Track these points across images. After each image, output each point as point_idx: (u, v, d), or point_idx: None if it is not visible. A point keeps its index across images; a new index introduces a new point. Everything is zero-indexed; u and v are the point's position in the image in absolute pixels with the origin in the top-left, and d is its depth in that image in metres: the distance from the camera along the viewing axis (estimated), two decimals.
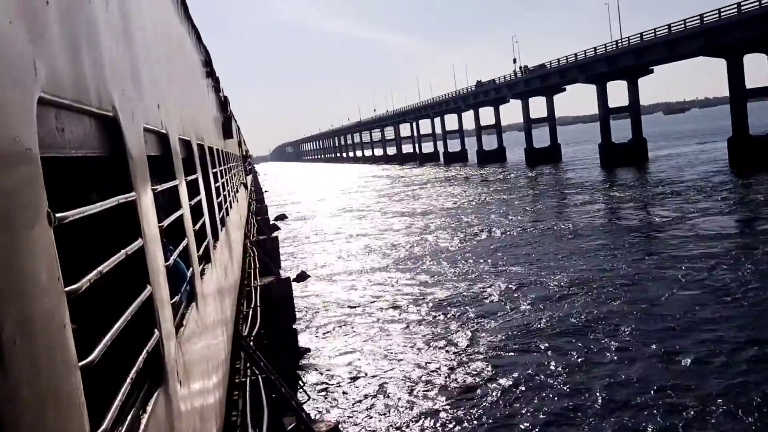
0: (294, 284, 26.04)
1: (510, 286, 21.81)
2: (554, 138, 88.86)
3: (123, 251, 2.56)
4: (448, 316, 19.23)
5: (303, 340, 17.87)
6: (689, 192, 38.97)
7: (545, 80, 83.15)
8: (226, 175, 13.20)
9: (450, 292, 21.97)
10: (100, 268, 2.22)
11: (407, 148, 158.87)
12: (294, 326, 17.08)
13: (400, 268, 27.05)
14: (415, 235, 35.35)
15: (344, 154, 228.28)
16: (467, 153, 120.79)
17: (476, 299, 20.67)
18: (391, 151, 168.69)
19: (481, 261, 26.32)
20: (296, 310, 18.74)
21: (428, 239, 33.46)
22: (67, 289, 1.85)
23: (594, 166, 70.42)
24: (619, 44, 65.60)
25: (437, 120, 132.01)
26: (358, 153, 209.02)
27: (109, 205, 2.52)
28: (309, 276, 26.60)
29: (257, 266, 16.58)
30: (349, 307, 21.70)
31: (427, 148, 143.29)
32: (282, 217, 52.50)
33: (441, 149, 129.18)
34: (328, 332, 18.99)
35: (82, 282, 2.01)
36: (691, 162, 60.19)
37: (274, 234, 27.28)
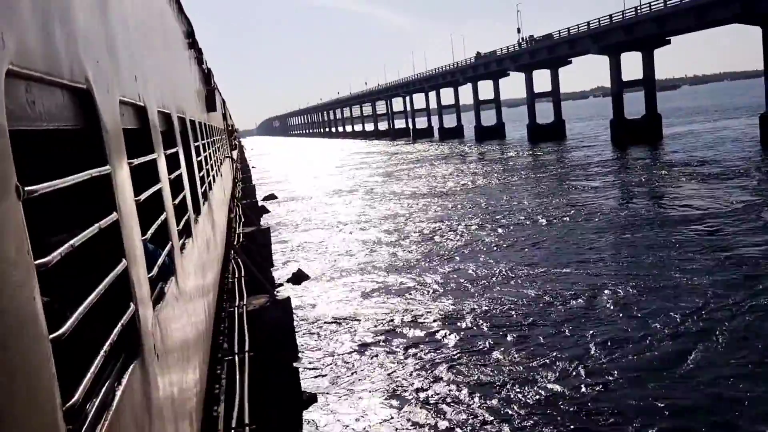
0: (289, 286, 21.23)
1: (546, 292, 17.10)
2: (558, 114, 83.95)
3: (96, 225, 2.51)
4: (495, 339, 14.48)
5: (308, 381, 13.03)
6: (735, 175, 34.27)
7: (553, 51, 77.88)
8: (209, 149, 12.50)
9: (482, 300, 17.22)
10: (72, 242, 2.19)
11: (399, 124, 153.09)
12: (295, 364, 12.17)
13: (412, 265, 22.22)
14: (421, 222, 30.51)
15: (333, 129, 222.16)
16: (463, 129, 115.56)
17: (517, 311, 15.93)
18: (383, 126, 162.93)
19: (504, 258, 21.56)
20: (295, 328, 13.94)
21: (436, 228, 28.61)
22: (36, 262, 1.84)
23: (604, 144, 65.72)
24: (639, 11, 60.33)
25: (432, 94, 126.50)
26: (348, 128, 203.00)
27: (82, 179, 2.46)
28: (308, 276, 21.70)
29: (242, 282, 11.68)
30: (360, 321, 16.88)
31: (421, 123, 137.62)
32: (271, 197, 47.40)
33: (435, 125, 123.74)
34: (340, 365, 14.16)
35: (52, 255, 1.99)
36: (714, 141, 55.49)
37: (265, 224, 22.22)
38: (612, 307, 15.93)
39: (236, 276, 11.59)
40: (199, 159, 8.94)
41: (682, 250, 20.37)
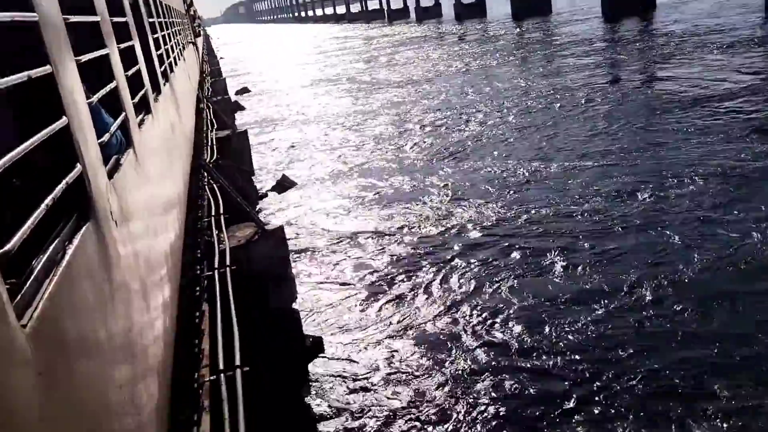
0: (274, 195, 18.77)
1: (568, 193, 14.87)
2: None
3: (25, 73, 2.28)
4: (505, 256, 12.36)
5: (308, 323, 10.89)
6: (751, 45, 31.35)
7: None
8: (168, 29, 11.78)
9: (499, 206, 14.98)
10: None
11: (373, 5, 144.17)
12: (294, 306, 9.93)
13: (411, 164, 19.79)
14: (414, 114, 27.69)
15: (303, 14, 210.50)
16: (441, 7, 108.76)
17: (540, 220, 13.77)
18: (355, 8, 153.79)
19: (511, 152, 19.15)
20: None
21: (430, 120, 25.87)
22: None
23: (595, 18, 61.46)
24: None
25: None
26: (319, 12, 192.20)
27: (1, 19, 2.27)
28: (294, 183, 19.17)
29: (219, 207, 9.15)
30: (361, 236, 14.64)
31: (396, 3, 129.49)
32: (244, 90, 43.72)
33: (411, 4, 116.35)
34: (343, 296, 12.01)
35: None
36: (715, 9, 51.76)
37: (241, 126, 19.35)
38: (650, 208, 13.78)
39: (211, 204, 9.05)
40: (155, 36, 8.36)
41: (714, 134, 18.04)
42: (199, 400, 4.94)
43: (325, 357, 10.05)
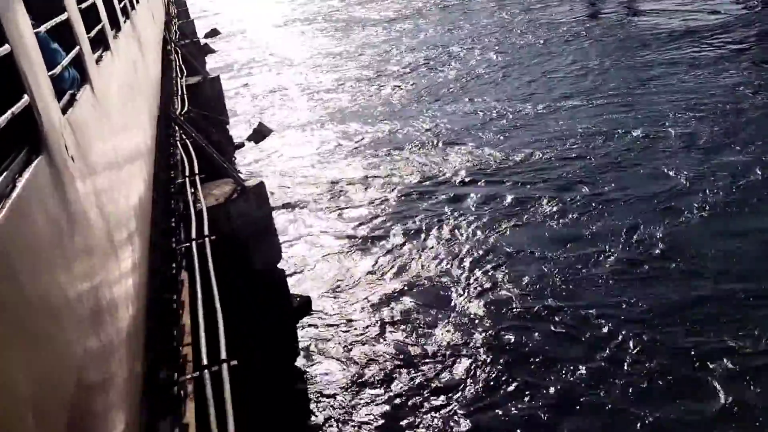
0: (251, 145, 17.91)
1: (557, 133, 14.29)
2: None
3: None
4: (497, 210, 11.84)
5: (296, 282, 10.33)
6: None
7: None
8: None
9: (487, 148, 14.37)
10: None
11: None
12: (280, 266, 9.34)
13: (395, 107, 18.96)
14: (395, 55, 26.58)
15: None
16: None
17: (535, 162, 13.21)
18: None
19: (498, 92, 18.40)
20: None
21: (412, 60, 24.81)
22: None
23: None
24: None
25: None
26: None
27: None
28: (271, 130, 18.26)
29: (193, 165, 8.39)
30: (348, 186, 13.98)
31: None
32: (214, 33, 41.77)
33: None
34: (330, 252, 11.42)
35: None
36: None
37: (213, 72, 18.26)
38: (646, 146, 13.26)
39: (185, 162, 8.28)
40: None
41: (707, 67, 17.39)
42: (183, 389, 4.41)
43: (314, 316, 9.56)
